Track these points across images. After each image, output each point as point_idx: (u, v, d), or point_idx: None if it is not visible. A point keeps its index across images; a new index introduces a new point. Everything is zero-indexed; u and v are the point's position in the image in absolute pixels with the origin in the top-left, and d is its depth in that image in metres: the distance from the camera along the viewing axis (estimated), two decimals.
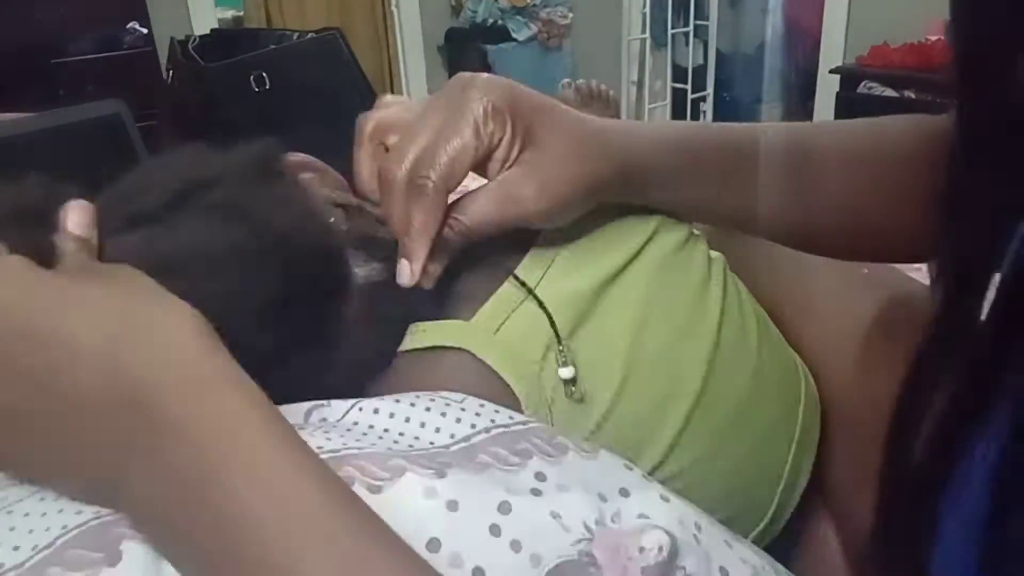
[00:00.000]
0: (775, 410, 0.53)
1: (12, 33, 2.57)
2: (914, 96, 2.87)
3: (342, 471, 0.36)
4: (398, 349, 0.48)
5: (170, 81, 1.68)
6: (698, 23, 3.67)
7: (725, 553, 0.40)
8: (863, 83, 3.02)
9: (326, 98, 1.55)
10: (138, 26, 2.89)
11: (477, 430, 0.40)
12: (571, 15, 3.89)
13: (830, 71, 3.17)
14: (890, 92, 2.94)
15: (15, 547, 0.31)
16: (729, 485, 0.50)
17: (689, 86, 3.81)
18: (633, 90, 3.89)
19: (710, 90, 3.95)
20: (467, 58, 3.79)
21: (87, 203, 0.39)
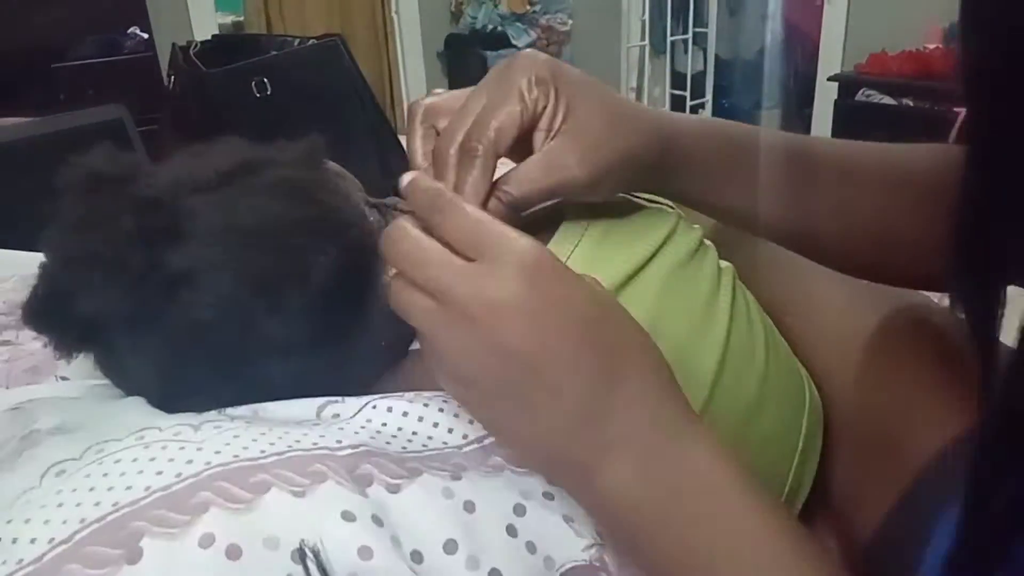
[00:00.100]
0: (780, 418, 0.53)
1: (13, 37, 2.57)
2: (912, 104, 2.88)
3: (361, 468, 0.36)
4: (409, 348, 0.48)
5: (171, 86, 1.68)
6: (697, 30, 3.68)
7: None
8: (861, 90, 3.03)
9: (327, 103, 1.56)
10: (139, 31, 2.89)
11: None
12: (571, 22, 3.90)
13: (828, 78, 3.18)
14: (888, 100, 2.94)
15: (32, 539, 0.31)
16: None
17: (688, 92, 3.82)
18: (632, 96, 3.90)
19: (709, 97, 3.96)
20: (467, 64, 3.79)
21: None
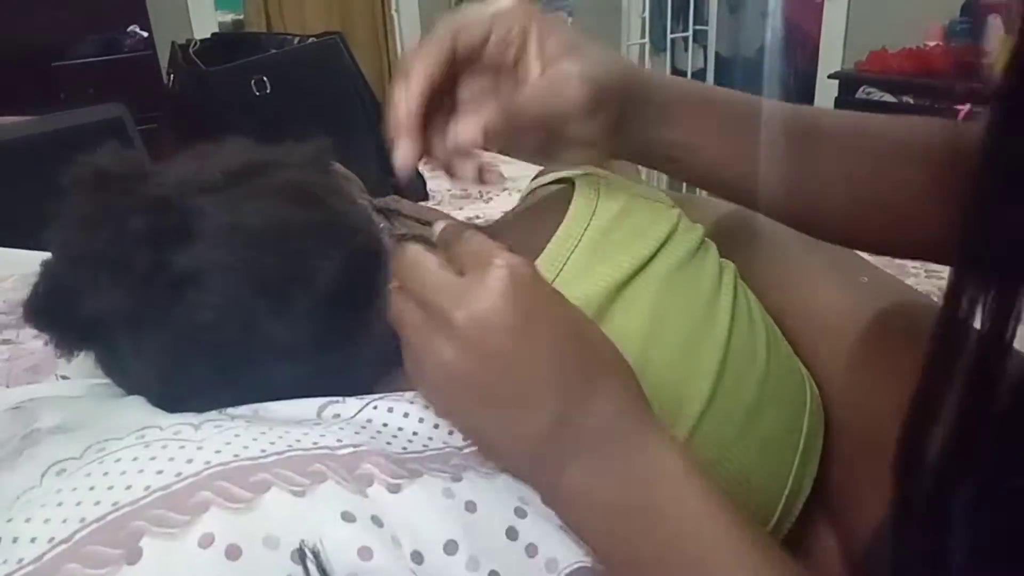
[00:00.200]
0: (781, 418, 0.53)
1: (12, 36, 2.57)
2: (912, 101, 2.87)
3: (361, 468, 0.36)
4: None
5: (171, 85, 1.68)
6: (697, 28, 3.67)
7: None
8: (862, 88, 3.02)
9: (327, 102, 1.56)
10: (138, 29, 2.89)
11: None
12: (570, 19, 3.89)
13: (829, 76, 3.17)
14: (888, 97, 2.94)
15: (32, 539, 0.31)
16: (735, 492, 0.50)
17: None
18: None
19: None
20: None
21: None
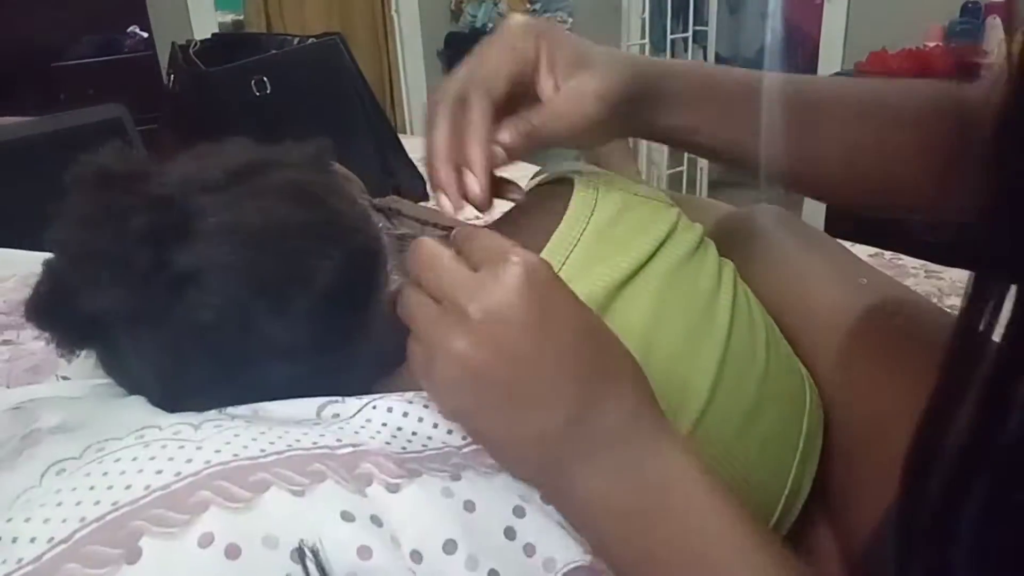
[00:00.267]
0: (781, 418, 0.53)
1: (12, 37, 2.57)
2: None
3: (360, 467, 0.36)
4: None
5: (171, 85, 1.68)
6: (697, 28, 3.67)
7: None
8: None
9: (327, 103, 1.56)
10: (139, 30, 2.89)
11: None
12: (570, 20, 3.89)
13: (829, 76, 3.18)
14: None
15: (32, 539, 0.31)
16: (735, 492, 0.50)
17: None
18: None
19: None
20: None
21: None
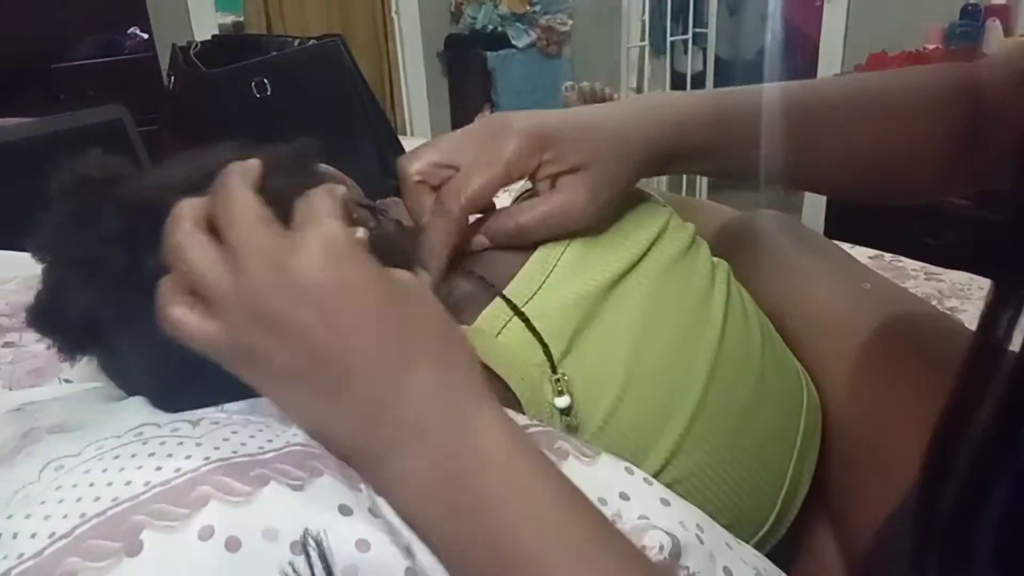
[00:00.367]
0: (777, 417, 0.53)
1: (12, 37, 2.57)
2: None
3: None
4: None
5: (171, 87, 1.68)
6: (697, 30, 3.67)
7: (728, 554, 0.41)
8: None
9: (327, 104, 1.56)
10: (139, 31, 2.89)
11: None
12: (570, 22, 3.90)
13: (831, 76, 3.18)
14: None
15: (32, 534, 0.31)
16: (731, 491, 0.50)
17: None
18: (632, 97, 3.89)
19: None
20: (467, 64, 3.79)
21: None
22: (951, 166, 0.52)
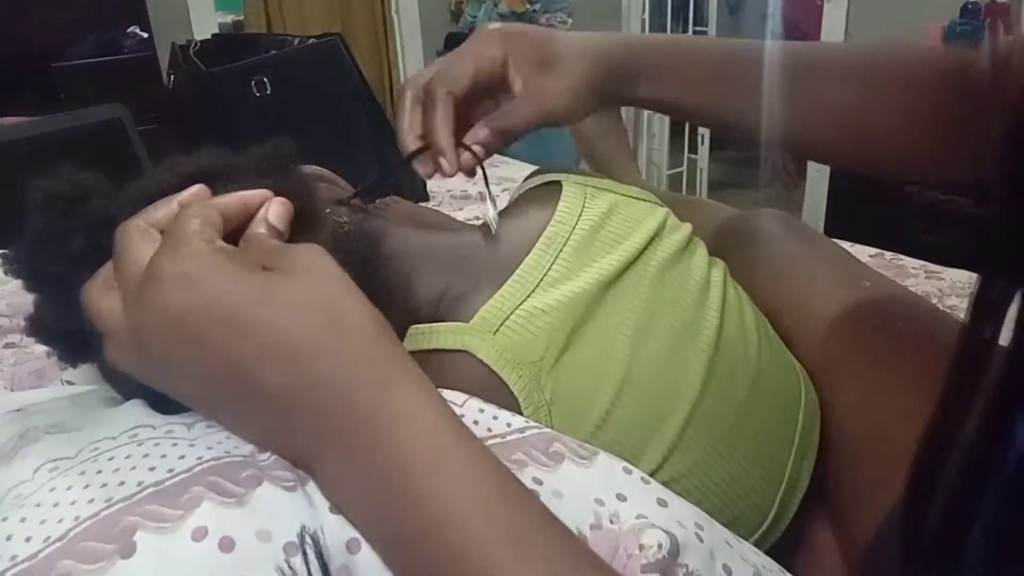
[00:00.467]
0: (775, 415, 0.53)
1: (12, 37, 2.57)
2: None
3: None
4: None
5: (171, 86, 1.68)
6: (697, 29, 3.67)
7: (727, 552, 0.40)
8: None
9: (326, 103, 1.56)
10: (139, 30, 2.89)
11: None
12: (570, 20, 3.90)
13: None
14: None
15: (27, 538, 0.31)
16: (729, 489, 0.50)
17: None
18: None
19: None
20: None
21: (287, 200, 0.41)
22: (940, 146, 0.51)
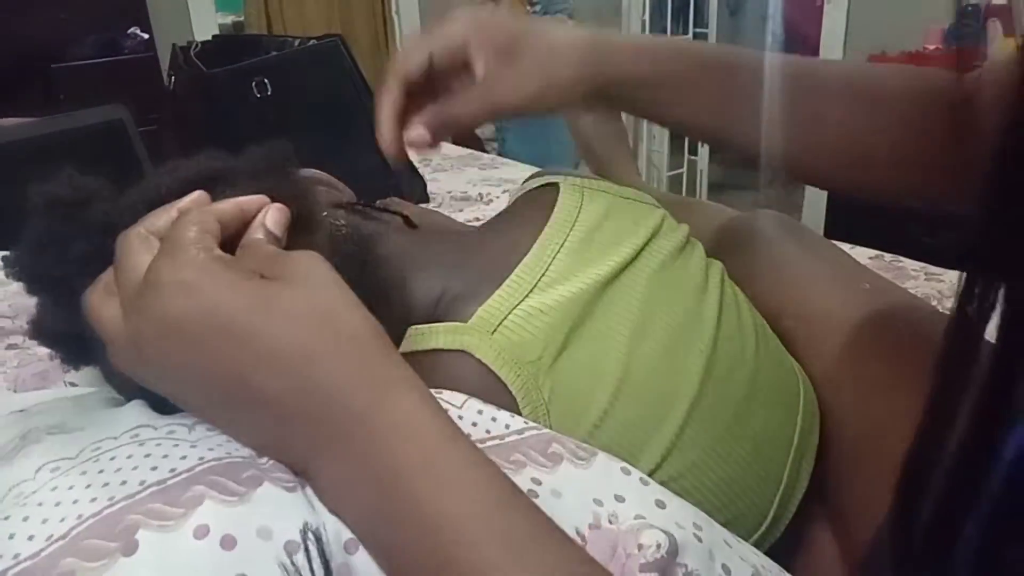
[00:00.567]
0: (773, 416, 0.53)
1: (12, 37, 2.58)
2: None
3: None
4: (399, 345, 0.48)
5: (171, 87, 1.68)
6: (697, 30, 3.67)
7: (726, 552, 0.41)
8: None
9: (327, 104, 1.56)
10: (139, 31, 2.89)
11: (472, 440, 0.40)
12: (570, 22, 3.90)
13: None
14: None
15: (30, 536, 0.31)
16: (728, 489, 0.50)
17: None
18: None
19: None
20: None
21: (285, 207, 0.41)
22: (930, 167, 0.51)
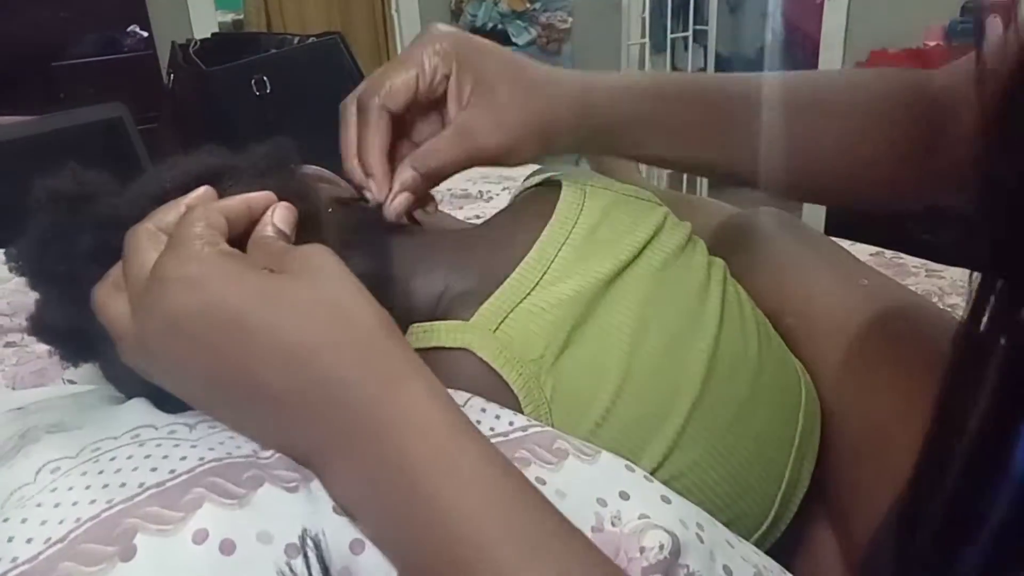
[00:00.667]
0: (775, 415, 0.53)
1: (12, 36, 2.58)
2: None
3: None
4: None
5: (171, 85, 1.68)
6: (697, 28, 3.67)
7: (728, 552, 0.40)
8: None
9: (326, 102, 1.56)
10: (138, 29, 2.89)
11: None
12: (570, 19, 3.89)
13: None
14: None
15: (28, 539, 0.31)
16: (729, 488, 0.50)
17: None
18: None
19: None
20: None
21: (292, 205, 0.41)
22: (913, 171, 0.51)
